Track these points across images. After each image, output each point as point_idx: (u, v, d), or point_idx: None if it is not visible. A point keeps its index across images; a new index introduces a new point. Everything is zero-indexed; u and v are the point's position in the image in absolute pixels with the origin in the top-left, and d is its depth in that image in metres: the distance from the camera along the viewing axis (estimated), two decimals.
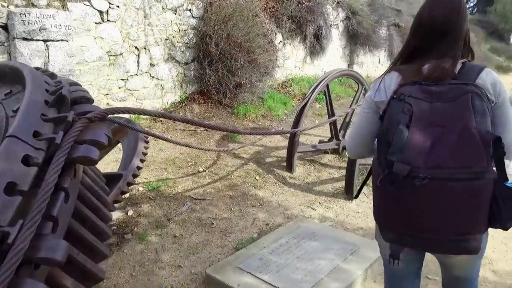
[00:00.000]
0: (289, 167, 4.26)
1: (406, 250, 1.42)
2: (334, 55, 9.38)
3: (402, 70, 1.40)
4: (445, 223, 1.20)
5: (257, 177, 4.08)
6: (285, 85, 7.71)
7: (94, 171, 2.00)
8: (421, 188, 1.16)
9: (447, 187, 1.16)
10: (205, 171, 4.13)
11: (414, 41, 1.41)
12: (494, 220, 1.22)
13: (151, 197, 3.53)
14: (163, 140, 2.73)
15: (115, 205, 2.83)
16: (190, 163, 4.27)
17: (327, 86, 4.43)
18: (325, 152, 4.88)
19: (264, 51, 6.35)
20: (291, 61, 7.98)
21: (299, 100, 7.35)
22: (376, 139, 1.47)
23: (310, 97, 4.15)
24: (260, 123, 5.86)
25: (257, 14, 6.45)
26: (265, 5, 7.16)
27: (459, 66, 1.33)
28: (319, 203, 3.64)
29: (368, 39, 9.58)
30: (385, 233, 1.36)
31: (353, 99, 5.18)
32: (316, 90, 4.22)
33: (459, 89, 1.21)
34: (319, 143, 5.01)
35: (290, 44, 7.78)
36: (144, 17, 5.07)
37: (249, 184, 3.93)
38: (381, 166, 1.25)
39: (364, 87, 5.10)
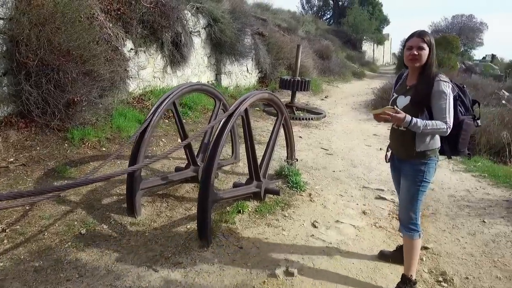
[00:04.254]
0: (131, 210, 3.34)
1: None
2: (199, 64, 8.72)
3: None
4: None
5: (84, 231, 3.06)
6: (142, 99, 6.70)
7: None
8: None
9: None
10: (5, 230, 2.94)
11: None
12: None
13: None
14: None
15: None
16: None
17: (174, 104, 3.65)
18: (186, 180, 4.10)
19: (106, 60, 5.29)
20: (149, 71, 7.02)
21: (163, 117, 6.44)
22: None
23: (150, 121, 3.31)
24: (104, 149, 4.77)
25: (93, 16, 5.34)
26: (108, 7, 6.07)
27: None
28: (165, 258, 2.81)
29: (233, 48, 9.18)
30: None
31: (212, 115, 4.53)
32: (159, 111, 3.41)
33: None
34: (175, 171, 4.21)
35: (144, 52, 6.81)
36: None
37: (70, 243, 2.89)
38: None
39: (222, 102, 4.49)
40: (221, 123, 3.13)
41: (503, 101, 9.57)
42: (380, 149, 6.34)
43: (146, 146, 3.29)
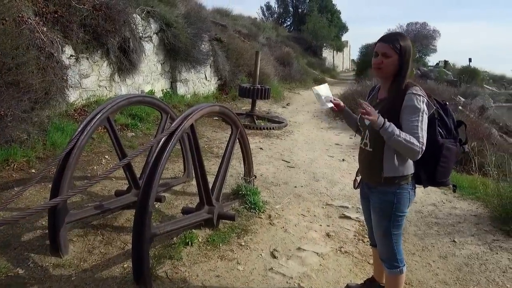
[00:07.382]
0: (54, 249, 2.78)
1: None
2: (152, 72, 8.15)
3: None
4: None
5: None
6: (85, 110, 6.07)
7: None
8: None
9: None
10: None
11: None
12: None
13: None
14: None
15: None
16: None
17: (108, 120, 3.14)
18: (128, 206, 3.57)
19: (39, 68, 4.67)
20: (93, 79, 6.39)
21: (104, 129, 5.83)
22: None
23: (76, 141, 2.79)
24: (34, 170, 4.14)
25: (23, 20, 4.71)
26: (43, 9, 5.43)
27: None
28: None
29: (189, 54, 8.70)
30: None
31: (157, 130, 4.04)
32: (88, 129, 2.88)
33: None
34: (116, 195, 3.68)
35: (87, 59, 6.19)
36: None
37: None
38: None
39: (169, 115, 4.02)
40: (161, 142, 2.67)
41: (460, 107, 9.72)
42: (343, 160, 6.08)
43: (72, 172, 2.76)
